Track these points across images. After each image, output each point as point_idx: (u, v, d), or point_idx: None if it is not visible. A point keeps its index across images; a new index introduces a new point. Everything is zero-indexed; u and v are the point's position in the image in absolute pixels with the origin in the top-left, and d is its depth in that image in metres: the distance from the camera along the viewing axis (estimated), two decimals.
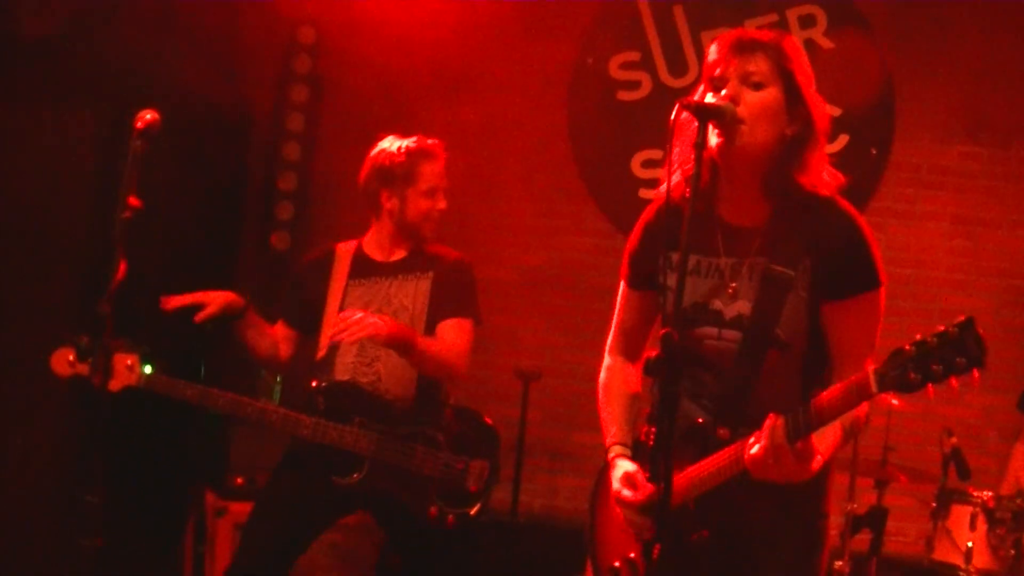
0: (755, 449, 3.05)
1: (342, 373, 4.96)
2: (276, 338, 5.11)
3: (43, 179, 6.34)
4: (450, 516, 4.84)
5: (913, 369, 2.75)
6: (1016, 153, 7.52)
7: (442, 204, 5.05)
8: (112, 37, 6.39)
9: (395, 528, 5.06)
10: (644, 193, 7.37)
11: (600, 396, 3.65)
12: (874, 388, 2.84)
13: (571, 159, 7.95)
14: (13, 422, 6.23)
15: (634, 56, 7.92)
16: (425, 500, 4.85)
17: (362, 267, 5.07)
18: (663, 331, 3.00)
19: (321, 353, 5.01)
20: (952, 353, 2.72)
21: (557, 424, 7.44)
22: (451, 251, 5.12)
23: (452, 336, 4.96)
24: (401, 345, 4.74)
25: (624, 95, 7.90)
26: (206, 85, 6.87)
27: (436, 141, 5.09)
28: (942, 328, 2.74)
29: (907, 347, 2.77)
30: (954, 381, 2.73)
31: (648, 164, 7.65)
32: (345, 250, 5.13)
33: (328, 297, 5.04)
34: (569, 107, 7.99)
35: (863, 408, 3.00)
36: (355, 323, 4.63)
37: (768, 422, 3.04)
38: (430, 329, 4.97)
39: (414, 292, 5.00)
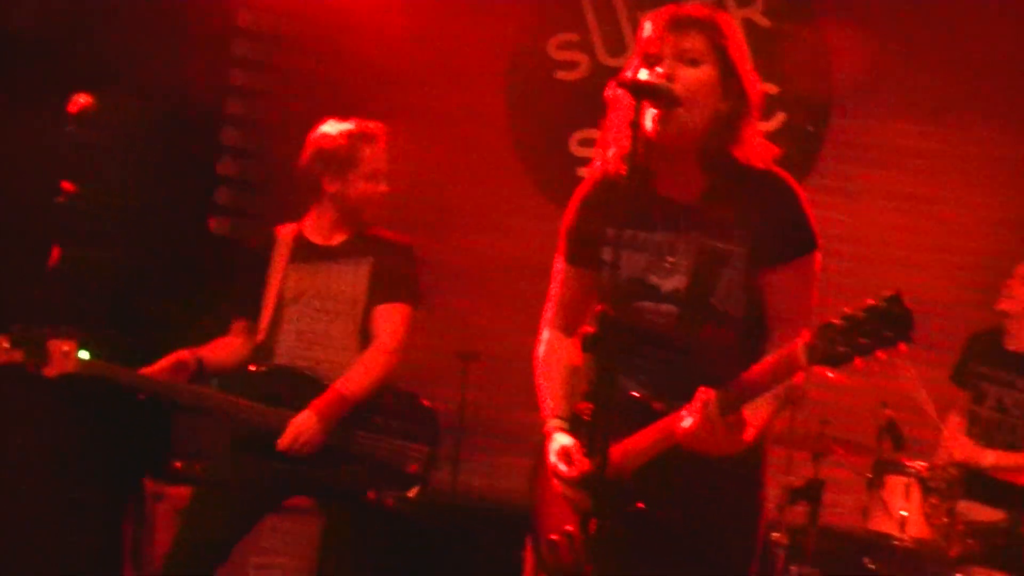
0: (687, 423, 3.08)
1: (282, 357, 4.94)
2: (234, 347, 5.08)
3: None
4: (389, 499, 4.85)
5: (841, 342, 2.78)
6: (954, 130, 7.56)
7: (383, 187, 5.03)
8: (83, 33, 6.36)
9: (336, 511, 5.06)
10: (582, 172, 7.38)
11: (538, 370, 3.66)
12: (803, 361, 2.87)
13: (510, 140, 7.96)
14: (12, 422, 6.18)
15: (572, 36, 7.94)
16: (365, 483, 4.85)
17: (302, 251, 5.04)
18: (598, 307, 3.02)
19: (261, 337, 4.99)
20: (880, 326, 2.75)
21: (500, 404, 7.43)
22: (392, 234, 5.11)
23: (387, 324, 4.97)
24: (339, 411, 4.81)
25: (562, 75, 7.92)
26: (169, 74, 6.84)
27: (377, 124, 5.07)
28: (870, 302, 2.78)
29: (836, 320, 2.80)
30: (881, 354, 2.77)
31: (586, 143, 7.64)
32: (285, 234, 5.10)
33: (268, 281, 5.03)
34: (507, 88, 8.00)
35: (799, 375, 3.04)
36: (294, 445, 4.73)
37: (700, 396, 3.06)
38: (369, 312, 4.98)
39: (354, 276, 4.99)
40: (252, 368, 4.92)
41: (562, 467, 3.34)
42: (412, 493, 4.91)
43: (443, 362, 7.13)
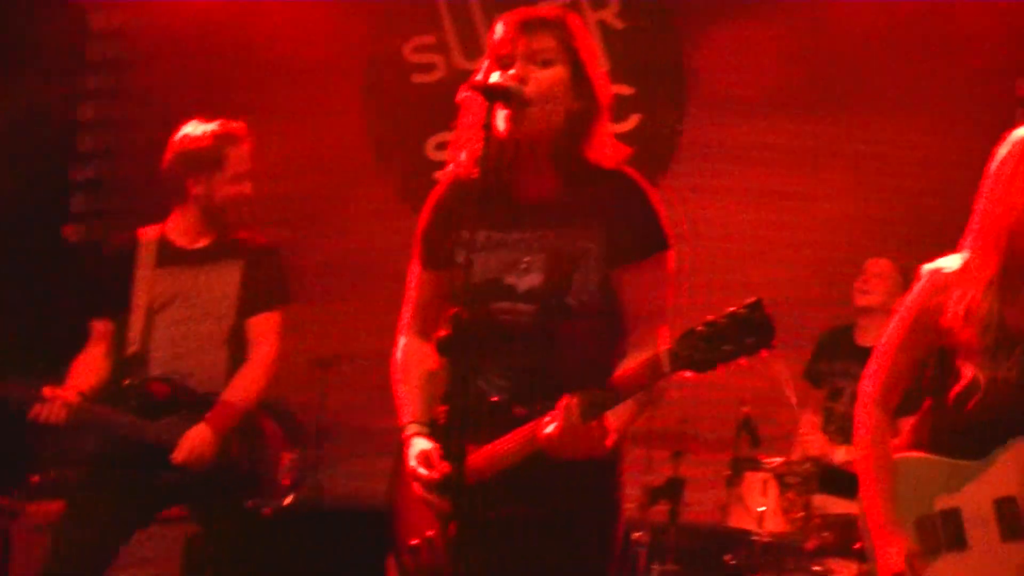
0: (550, 429, 3.09)
1: (155, 368, 4.85)
2: (98, 359, 4.96)
3: None
4: (267, 508, 4.82)
5: (704, 349, 2.85)
6: (809, 126, 7.68)
7: (248, 189, 4.97)
8: None
9: (209, 521, 5.00)
10: (439, 176, 7.39)
11: (395, 376, 3.64)
12: (667, 367, 2.91)
13: (368, 143, 7.94)
14: None
15: (428, 39, 7.93)
16: (240, 493, 4.82)
17: (167, 255, 4.95)
18: (452, 310, 3.03)
19: (133, 348, 4.89)
20: (742, 334, 2.82)
21: (358, 409, 7.41)
22: (258, 236, 5.06)
23: (265, 334, 4.96)
24: (232, 423, 4.79)
25: (418, 78, 7.91)
26: (21, 83, 6.72)
27: (241, 124, 5.01)
28: (732, 309, 2.84)
29: (699, 327, 2.86)
30: (744, 360, 2.82)
31: (442, 147, 7.61)
32: (148, 236, 5.00)
33: (135, 287, 4.92)
34: (365, 91, 7.98)
35: None
36: (189, 458, 4.68)
37: (562, 402, 3.07)
38: (242, 317, 4.92)
39: (223, 281, 4.93)
40: (126, 381, 4.84)
41: (422, 471, 3.32)
42: (287, 501, 4.90)
43: (300, 367, 7.09)
